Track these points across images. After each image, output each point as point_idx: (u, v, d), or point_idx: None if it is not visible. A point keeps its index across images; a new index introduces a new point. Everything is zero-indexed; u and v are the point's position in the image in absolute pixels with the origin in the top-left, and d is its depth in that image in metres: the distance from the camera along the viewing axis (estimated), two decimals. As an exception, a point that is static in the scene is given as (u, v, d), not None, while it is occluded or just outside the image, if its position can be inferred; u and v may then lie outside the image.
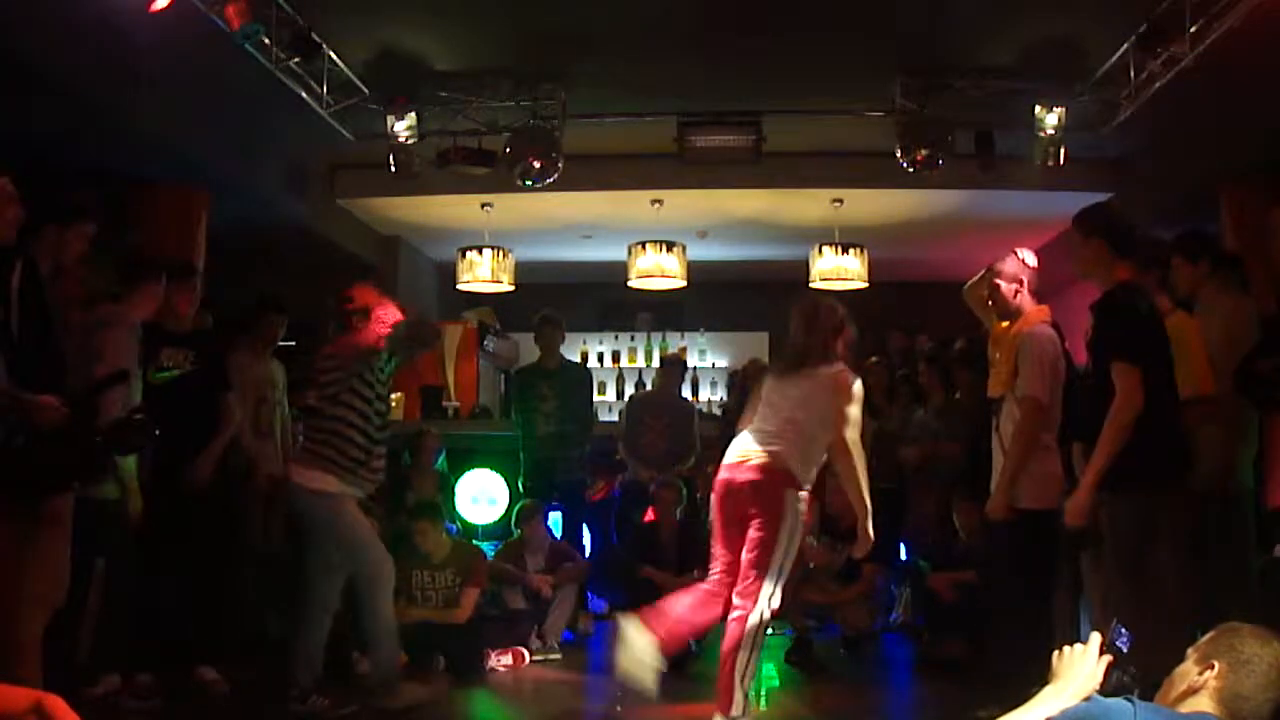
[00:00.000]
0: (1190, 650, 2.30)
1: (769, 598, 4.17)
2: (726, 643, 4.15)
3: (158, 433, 3.91)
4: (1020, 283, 4.52)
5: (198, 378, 5.13)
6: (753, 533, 4.20)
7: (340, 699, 4.60)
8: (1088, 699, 2.17)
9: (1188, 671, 2.26)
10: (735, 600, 4.19)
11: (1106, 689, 2.18)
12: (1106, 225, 4.23)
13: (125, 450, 4.17)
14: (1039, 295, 4.58)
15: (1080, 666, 2.21)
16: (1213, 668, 2.22)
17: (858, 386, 4.31)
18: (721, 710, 4.12)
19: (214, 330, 5.68)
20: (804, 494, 4.26)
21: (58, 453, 3.43)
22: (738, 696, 4.10)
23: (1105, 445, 3.92)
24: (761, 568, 4.16)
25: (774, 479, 4.20)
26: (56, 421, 3.39)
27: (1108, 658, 2.22)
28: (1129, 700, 2.14)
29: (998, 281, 4.53)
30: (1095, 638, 2.24)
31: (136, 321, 4.78)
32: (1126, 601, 3.88)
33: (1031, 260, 4.57)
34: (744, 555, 4.22)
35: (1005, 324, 4.56)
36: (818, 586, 6.33)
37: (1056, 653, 2.26)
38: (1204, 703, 2.20)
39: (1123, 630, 2.25)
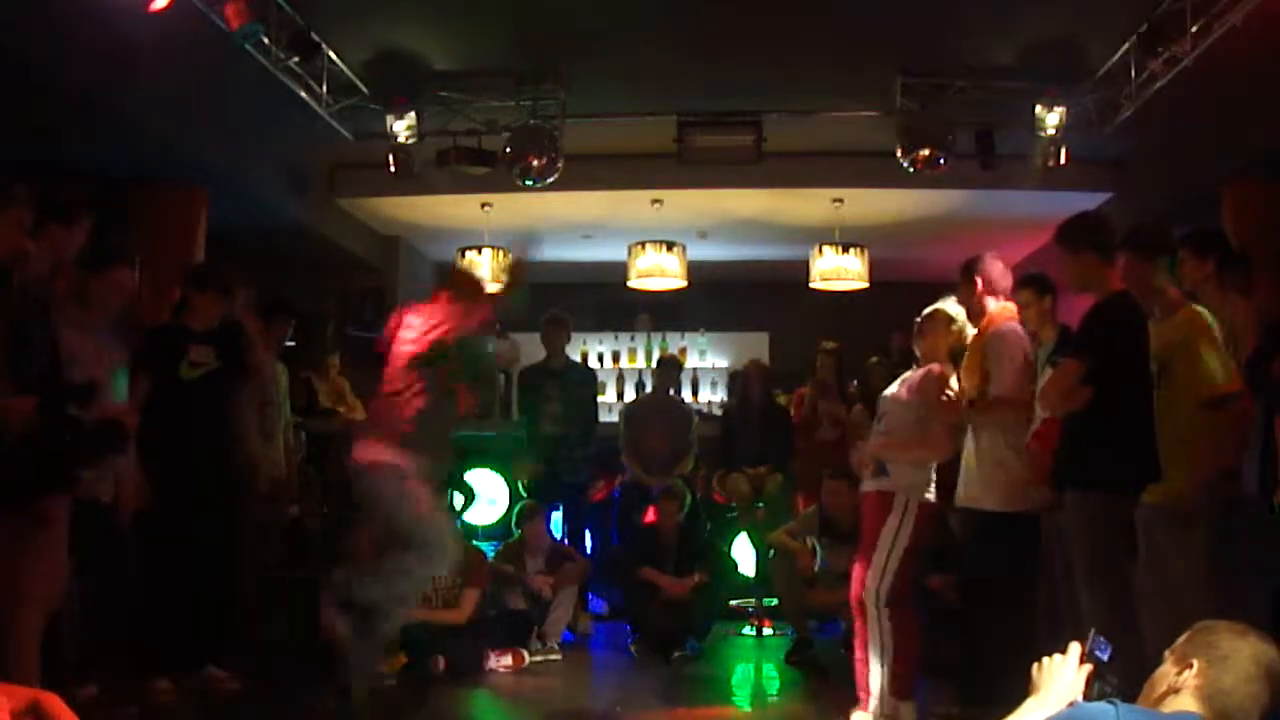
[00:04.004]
0: (1167, 652, 2.28)
1: None
2: None
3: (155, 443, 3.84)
4: (977, 286, 4.58)
5: (218, 377, 5.14)
6: None
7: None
8: (1071, 705, 2.16)
9: (1166, 673, 2.24)
10: None
11: (1089, 699, 2.17)
12: (1093, 236, 4.21)
13: (93, 460, 4.08)
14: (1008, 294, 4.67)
15: (1060, 677, 2.19)
16: (1191, 666, 2.20)
17: None
18: None
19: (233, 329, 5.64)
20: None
21: (24, 459, 3.36)
22: None
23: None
24: None
25: None
26: (21, 425, 3.34)
27: (1088, 667, 2.20)
28: (1111, 703, 2.13)
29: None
30: (1074, 648, 2.22)
31: (97, 321, 4.60)
32: (1093, 607, 3.87)
33: (995, 264, 4.64)
34: None
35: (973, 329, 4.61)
36: (821, 587, 6.32)
37: (1036, 664, 2.24)
38: (1186, 702, 2.18)
39: (1102, 640, 2.23)
